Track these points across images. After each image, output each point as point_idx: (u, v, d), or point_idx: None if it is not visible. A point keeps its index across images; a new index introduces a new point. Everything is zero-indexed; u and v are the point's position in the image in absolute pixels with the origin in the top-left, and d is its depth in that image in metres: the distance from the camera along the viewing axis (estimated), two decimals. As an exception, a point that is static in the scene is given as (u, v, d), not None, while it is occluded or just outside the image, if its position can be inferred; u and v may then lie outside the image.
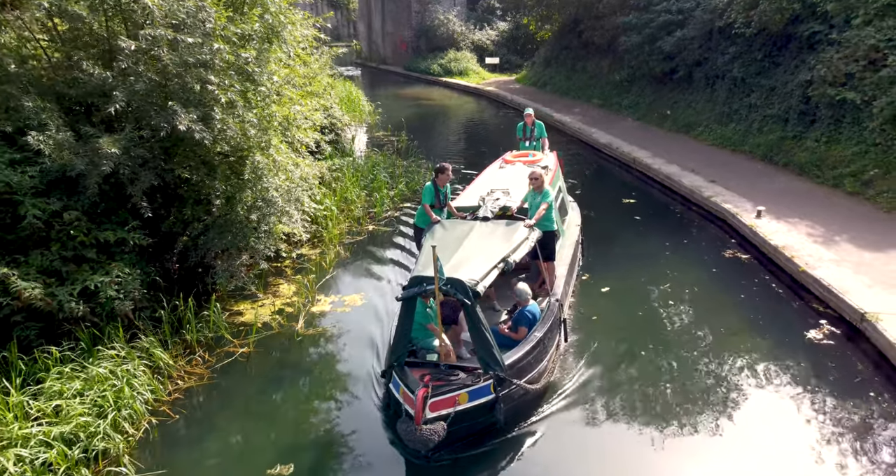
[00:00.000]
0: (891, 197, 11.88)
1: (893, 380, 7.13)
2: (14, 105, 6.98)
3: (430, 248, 5.76)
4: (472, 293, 5.92)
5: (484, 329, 6.00)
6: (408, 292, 6.15)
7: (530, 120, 11.78)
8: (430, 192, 8.30)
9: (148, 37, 7.27)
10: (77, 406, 5.48)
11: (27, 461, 4.91)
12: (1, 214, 6.95)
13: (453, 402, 5.80)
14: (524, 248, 7.10)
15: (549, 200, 7.96)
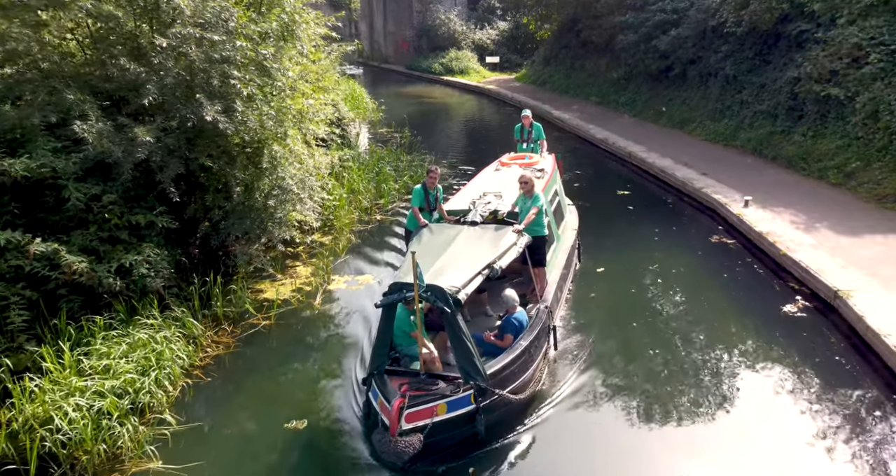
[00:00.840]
0: (870, 187, 12.54)
1: (859, 348, 7.80)
2: (57, 98, 7.62)
3: (410, 254, 5.66)
4: (452, 301, 5.74)
5: (465, 338, 5.82)
6: (386, 299, 6.00)
7: (528, 122, 11.53)
8: (419, 195, 8.14)
9: (178, 35, 7.93)
10: (124, 365, 6.16)
11: (84, 409, 5.58)
12: (46, 197, 7.59)
13: (431, 412, 5.63)
14: (511, 254, 6.95)
15: (540, 205, 7.77)
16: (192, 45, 8.10)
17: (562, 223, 9.87)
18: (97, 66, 8.56)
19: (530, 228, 7.67)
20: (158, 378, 6.32)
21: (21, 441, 5.40)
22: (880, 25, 13.83)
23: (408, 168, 16.12)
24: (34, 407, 5.51)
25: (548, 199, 8.92)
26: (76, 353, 6.20)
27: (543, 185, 8.97)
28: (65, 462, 5.50)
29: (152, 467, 5.75)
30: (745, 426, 6.47)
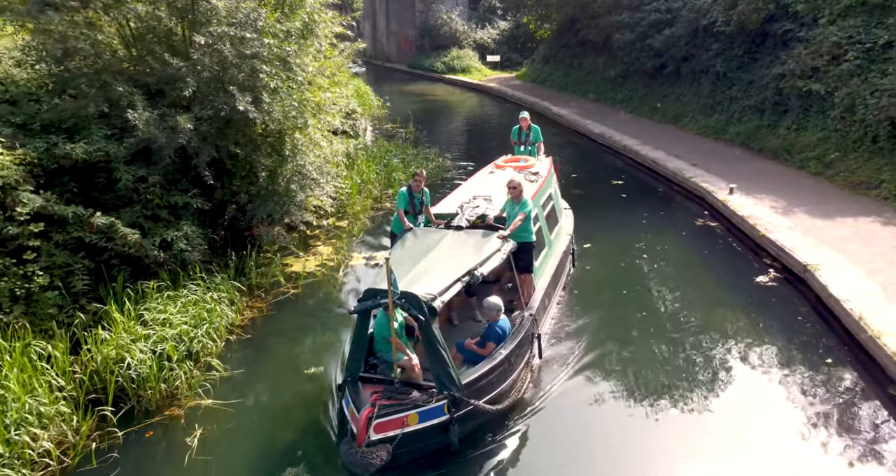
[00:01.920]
0: (846, 175, 13.47)
1: (822, 313, 8.76)
2: (108, 90, 8.56)
3: (385, 260, 5.63)
4: (427, 309, 5.61)
5: (439, 346, 5.70)
6: (360, 305, 5.91)
7: (526, 124, 11.33)
8: (404, 198, 8.04)
9: (214, 33, 8.87)
10: (180, 318, 7.14)
11: (148, 352, 6.55)
12: (99, 179, 8.52)
13: (401, 423, 5.50)
14: (494, 261, 6.80)
15: (527, 210, 7.56)
16: (226, 43, 9.04)
17: (555, 228, 9.72)
18: (139, 61, 9.49)
19: (517, 234, 7.46)
20: (208, 331, 7.32)
21: (102, 374, 6.42)
22: (858, 25, 14.76)
23: (413, 160, 17.04)
24: (108, 350, 6.46)
25: (540, 204, 8.90)
26: (137, 309, 7.14)
27: (536, 189, 8.90)
28: (132, 397, 6.48)
29: (203, 404, 6.73)
30: (724, 398, 7.08)
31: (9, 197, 6.91)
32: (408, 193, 8.06)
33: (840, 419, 6.60)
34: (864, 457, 6.04)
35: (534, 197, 8.51)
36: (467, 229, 7.49)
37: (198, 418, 6.52)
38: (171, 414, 6.54)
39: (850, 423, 6.55)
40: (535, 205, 8.51)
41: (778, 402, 6.91)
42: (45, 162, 7.68)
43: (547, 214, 9.25)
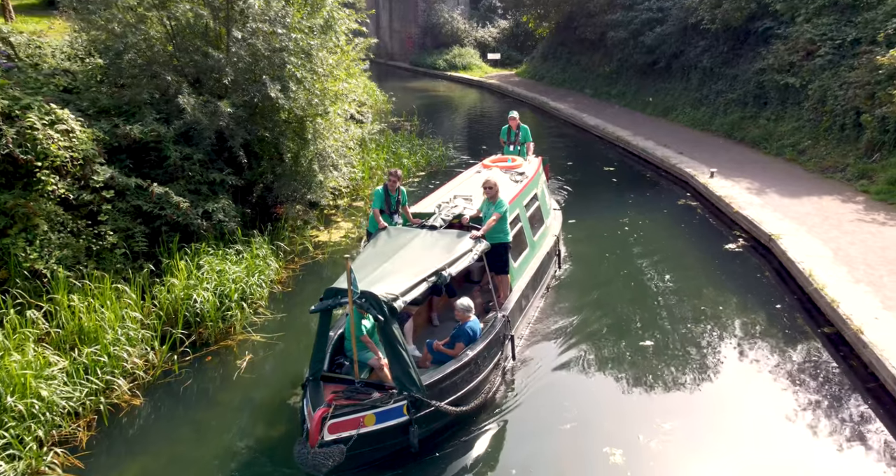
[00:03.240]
0: (817, 161, 14.72)
1: (781, 274, 10.04)
2: (158, 79, 9.80)
3: (345, 260, 5.61)
4: (387, 309, 5.58)
5: (400, 347, 5.67)
6: (320, 304, 5.87)
7: (515, 124, 11.29)
8: (379, 197, 8.02)
9: (250, 28, 10.11)
10: (234, 268, 8.48)
11: (210, 292, 7.91)
12: (150, 156, 9.75)
13: (357, 423, 5.45)
14: (465, 261, 6.74)
15: (502, 211, 7.47)
16: (259, 37, 10.28)
17: (541, 228, 9.64)
18: (181, 54, 10.73)
19: (491, 235, 7.41)
20: (259, 279, 8.65)
21: (172, 312, 7.79)
22: (830, 23, 16.00)
23: (418, 149, 18.28)
24: (178, 290, 7.79)
25: (523, 204, 8.93)
26: (195, 263, 8.44)
27: (519, 189, 8.91)
28: (195, 332, 7.80)
29: (252, 339, 8.02)
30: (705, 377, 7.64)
31: (87, 167, 8.14)
32: (383, 192, 8.04)
33: (783, 352, 7.86)
34: (795, 378, 7.29)
35: (515, 197, 8.57)
36: (441, 229, 7.41)
37: (246, 349, 7.84)
38: (225, 345, 7.89)
39: (791, 354, 7.82)
40: (518, 205, 8.58)
41: (736, 342, 8.18)
42: (109, 140, 8.91)
43: (531, 215, 9.21)
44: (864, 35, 14.98)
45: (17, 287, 7.17)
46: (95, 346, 6.62)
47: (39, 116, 7.73)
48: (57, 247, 7.78)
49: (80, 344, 6.67)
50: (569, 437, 6.38)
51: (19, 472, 5.33)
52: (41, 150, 7.51)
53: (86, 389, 6.23)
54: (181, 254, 8.71)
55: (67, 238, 8.00)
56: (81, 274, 7.80)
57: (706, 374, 7.48)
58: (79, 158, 8.01)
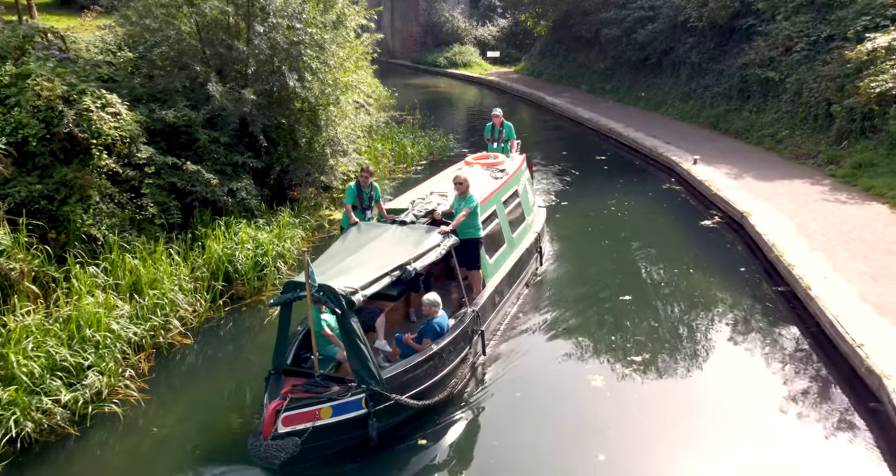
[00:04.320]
0: (793, 149, 15.80)
1: (750, 245, 11.13)
2: (189, 70, 10.88)
3: (303, 253, 5.73)
4: (345, 302, 5.60)
5: (358, 340, 5.69)
6: (279, 298, 5.95)
7: (499, 121, 11.39)
8: (351, 193, 8.08)
9: (271, 23, 11.19)
10: (266, 235, 9.64)
11: (249, 252, 9.12)
12: (181, 139, 10.83)
13: (313, 416, 5.48)
14: (431, 256, 6.77)
15: (472, 206, 7.48)
16: (279, 31, 11.36)
17: (521, 225, 9.67)
18: (207, 46, 11.81)
19: (462, 230, 7.44)
20: (288, 244, 9.83)
21: (216, 266, 9.00)
22: (807, 20, 17.09)
23: (421, 139, 19.36)
24: (219, 251, 9.02)
25: (501, 201, 9.02)
26: (231, 231, 9.58)
27: (498, 186, 9.03)
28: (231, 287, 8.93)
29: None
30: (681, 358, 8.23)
31: (133, 146, 9.22)
32: (356, 188, 8.11)
33: (743, 306, 8.96)
34: (751, 326, 8.38)
35: (493, 194, 8.70)
36: (411, 224, 7.51)
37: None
38: (257, 299, 9.02)
39: (750, 308, 8.92)
40: (495, 202, 8.74)
41: (704, 298, 9.27)
42: (148, 123, 9.99)
43: (510, 212, 9.29)
44: (837, 32, 16.05)
45: (75, 248, 8.26)
46: (155, 292, 7.79)
47: (93, 100, 8.80)
48: (106, 215, 8.86)
49: (137, 293, 7.79)
50: (536, 432, 6.31)
51: (104, 385, 6.49)
52: (95, 130, 8.59)
53: (147, 327, 7.39)
54: (213, 224, 9.80)
55: (114, 208, 9.08)
56: (127, 240, 8.90)
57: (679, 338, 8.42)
58: (126, 138, 9.08)
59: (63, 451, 5.97)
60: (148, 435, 6.26)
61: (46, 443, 5.99)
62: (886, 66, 13.52)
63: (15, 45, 8.96)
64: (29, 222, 7.75)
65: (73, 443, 6.04)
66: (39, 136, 8.17)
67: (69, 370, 6.40)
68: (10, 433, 5.69)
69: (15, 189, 7.92)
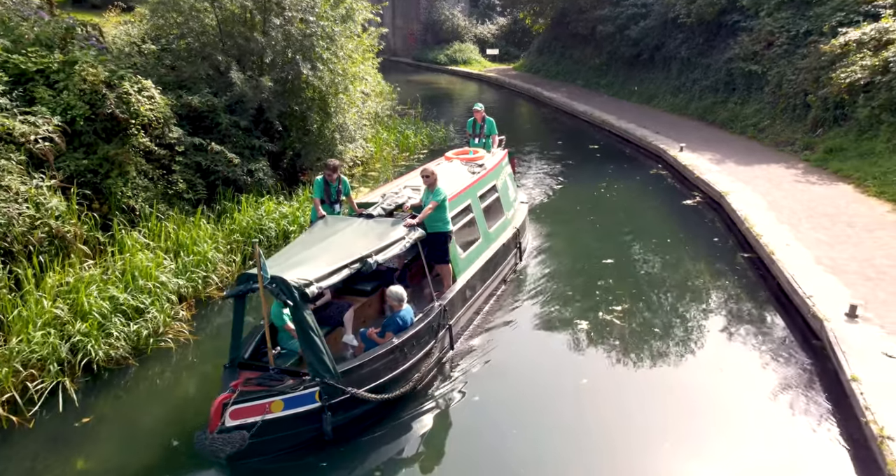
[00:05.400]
0: (773, 137, 16.81)
1: (727, 222, 12.14)
2: (212, 59, 11.88)
3: (254, 245, 5.55)
4: (298, 294, 5.52)
5: (312, 333, 5.60)
6: (232, 290, 5.87)
7: (480, 116, 11.30)
8: (318, 187, 8.06)
9: (286, 16, 12.19)
10: (287, 208, 10.75)
11: (276, 222, 10.21)
12: (205, 123, 11.83)
13: (262, 410, 5.40)
14: (395, 249, 6.72)
15: (440, 199, 7.39)
16: (294, 24, 12.36)
17: (499, 220, 9.59)
18: (227, 38, 12.81)
19: (430, 224, 7.40)
20: (297, 221, 10.79)
21: (246, 234, 10.05)
22: (787, 17, 18.09)
23: (423, 130, 20.36)
24: (248, 220, 10.09)
25: (477, 195, 8.98)
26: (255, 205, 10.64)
27: (473, 180, 8.96)
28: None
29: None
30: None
31: (165, 127, 10.22)
32: (323, 183, 8.06)
33: (715, 269, 9.98)
34: (720, 285, 9.39)
35: (467, 188, 8.65)
36: (378, 218, 7.46)
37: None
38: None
39: (720, 271, 9.94)
40: (470, 196, 8.69)
41: (680, 263, 10.29)
42: (177, 106, 10.98)
43: (487, 206, 9.27)
44: (815, 27, 17.06)
45: (116, 218, 9.26)
46: (197, 249, 8.88)
47: (131, 85, 9.80)
48: (142, 189, 9.85)
49: (177, 255, 8.84)
50: (499, 427, 6.24)
51: (160, 322, 7.59)
52: (134, 111, 9.58)
53: (189, 280, 8.46)
54: (235, 200, 10.81)
55: (148, 183, 10.07)
56: (161, 211, 9.91)
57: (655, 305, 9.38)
58: (160, 119, 10.08)
59: (126, 378, 7.04)
60: (195, 368, 7.32)
61: (112, 370, 7.06)
62: (857, 59, 14.52)
63: (60, 36, 9.92)
64: (78, 192, 8.76)
65: (134, 371, 7.10)
66: (85, 117, 9.16)
67: (126, 313, 7.48)
68: (89, 357, 6.79)
69: (66, 163, 8.92)
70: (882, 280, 8.45)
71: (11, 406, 6.27)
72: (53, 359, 6.64)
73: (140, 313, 7.59)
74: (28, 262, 7.54)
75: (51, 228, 7.99)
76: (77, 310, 7.14)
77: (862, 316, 7.46)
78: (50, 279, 7.37)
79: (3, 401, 6.24)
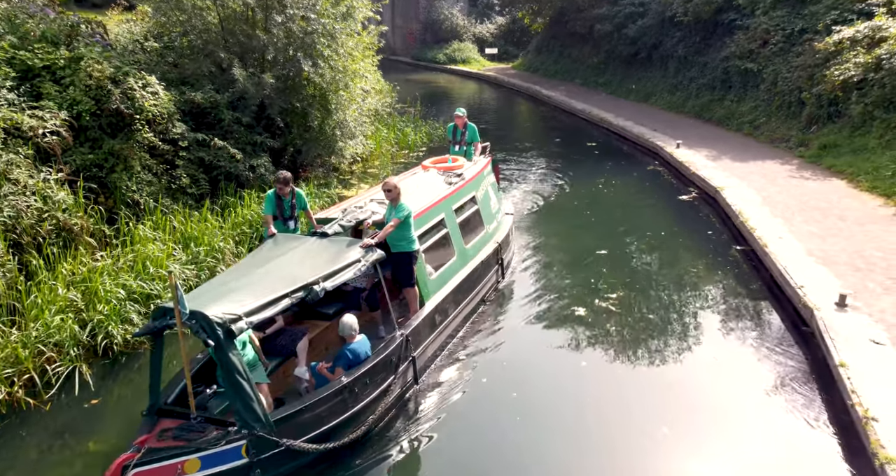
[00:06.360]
0: (768, 134, 17.00)
1: (721, 216, 12.33)
2: (215, 56, 12.06)
3: (169, 274, 4.85)
4: (222, 332, 4.73)
5: (239, 376, 4.82)
6: (145, 328, 5.11)
7: (461, 122, 10.56)
8: (270, 202, 7.25)
9: (288, 14, 12.37)
10: None
11: None
12: (207, 119, 12.00)
13: (173, 471, 4.66)
14: (347, 273, 5.90)
15: (403, 216, 6.66)
16: (295, 21, 12.54)
17: (478, 235, 8.83)
18: (229, 35, 12.98)
19: (393, 243, 6.77)
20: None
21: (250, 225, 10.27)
22: (783, 15, 18.29)
23: (422, 128, 20.53)
24: (252, 212, 10.34)
25: (452, 208, 8.20)
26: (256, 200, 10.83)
27: (448, 192, 8.21)
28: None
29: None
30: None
31: (169, 122, 10.39)
32: (274, 197, 7.28)
33: (709, 261, 10.17)
34: (714, 275, 9.58)
35: (440, 201, 7.92)
36: (333, 237, 6.62)
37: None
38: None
39: (714, 263, 10.13)
40: (444, 209, 7.97)
41: (676, 256, 10.47)
42: (181, 102, 11.15)
43: (464, 220, 8.49)
44: (809, 25, 17.25)
45: (122, 211, 9.44)
46: (205, 243, 9.13)
47: (135, 81, 9.97)
48: (146, 184, 10.03)
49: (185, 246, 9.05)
50: (466, 472, 5.60)
51: None
52: (138, 107, 9.76)
53: (198, 269, 8.71)
54: (238, 195, 10.99)
55: (153, 178, 10.25)
56: (165, 205, 10.08)
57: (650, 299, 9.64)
58: (164, 114, 10.26)
59: (140, 361, 7.29)
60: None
61: (128, 354, 7.34)
62: (850, 56, 14.72)
63: (66, 33, 10.09)
64: (85, 186, 8.93)
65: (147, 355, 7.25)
66: (91, 112, 9.33)
67: (139, 301, 7.74)
68: (110, 337, 7.10)
69: (72, 157, 9.09)
70: (871, 271, 8.63)
71: (29, 389, 6.52)
72: (72, 343, 6.93)
73: (152, 300, 7.81)
74: (37, 254, 7.74)
75: (58, 221, 8.17)
76: (91, 297, 7.41)
77: (851, 305, 7.65)
78: (64, 269, 7.61)
79: (21, 383, 6.46)
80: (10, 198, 7.73)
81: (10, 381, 6.45)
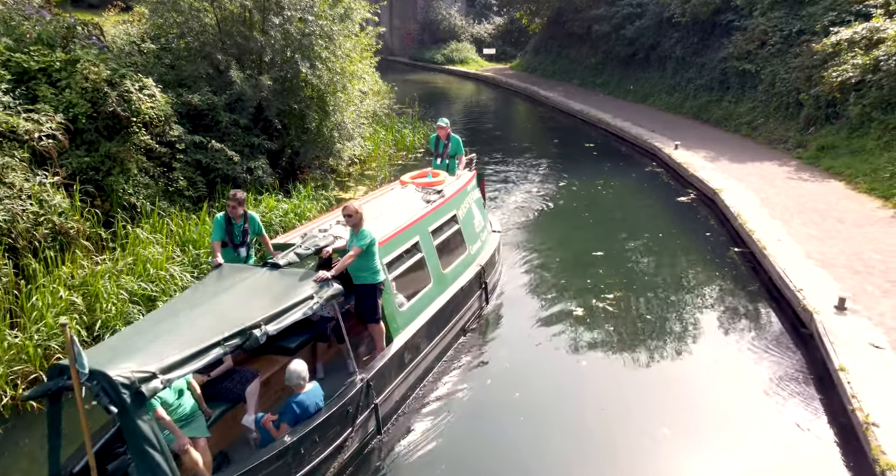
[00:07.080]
0: (766, 135, 17.00)
1: (720, 218, 12.31)
2: (212, 58, 12.01)
3: (62, 327, 4.16)
4: (128, 394, 3.99)
5: (149, 447, 4.08)
6: (39, 388, 4.42)
7: (444, 133, 9.83)
8: (218, 226, 6.49)
9: (285, 16, 12.32)
10: (288, 206, 10.91)
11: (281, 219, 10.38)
12: (205, 121, 11.95)
13: None
14: (298, 312, 5.14)
15: (364, 244, 5.91)
16: (293, 23, 12.50)
17: (458, 258, 7.99)
18: (226, 37, 12.93)
19: (354, 274, 6.04)
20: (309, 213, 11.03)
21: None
22: (780, 16, 18.29)
23: (420, 129, 20.50)
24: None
25: (429, 230, 7.41)
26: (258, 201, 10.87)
27: (423, 213, 7.42)
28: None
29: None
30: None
31: (166, 125, 10.34)
32: (224, 221, 6.53)
33: (708, 263, 10.15)
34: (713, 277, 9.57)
35: (414, 223, 7.14)
36: (286, 268, 5.81)
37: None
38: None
39: (714, 264, 10.12)
40: (418, 232, 7.18)
41: (675, 258, 10.46)
42: (178, 104, 11.11)
43: (443, 242, 7.65)
44: (807, 26, 17.26)
45: (118, 214, 9.39)
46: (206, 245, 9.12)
47: (132, 83, 9.93)
48: (143, 186, 9.98)
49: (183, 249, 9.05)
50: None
51: None
52: (135, 109, 9.71)
53: (199, 272, 8.70)
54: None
55: (149, 181, 10.20)
56: (162, 208, 10.03)
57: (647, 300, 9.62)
58: (161, 117, 10.21)
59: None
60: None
61: None
62: (848, 58, 14.72)
63: (62, 35, 10.04)
64: (81, 189, 8.88)
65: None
66: (87, 115, 9.29)
67: (139, 303, 7.75)
68: None
69: (68, 161, 9.04)
70: (870, 273, 8.63)
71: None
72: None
73: (152, 302, 7.79)
74: (33, 258, 7.69)
75: (54, 225, 8.13)
76: (92, 299, 7.39)
77: (850, 308, 7.64)
78: (62, 272, 7.59)
79: (25, 386, 6.46)
80: (6, 201, 7.68)
81: (14, 383, 6.43)
